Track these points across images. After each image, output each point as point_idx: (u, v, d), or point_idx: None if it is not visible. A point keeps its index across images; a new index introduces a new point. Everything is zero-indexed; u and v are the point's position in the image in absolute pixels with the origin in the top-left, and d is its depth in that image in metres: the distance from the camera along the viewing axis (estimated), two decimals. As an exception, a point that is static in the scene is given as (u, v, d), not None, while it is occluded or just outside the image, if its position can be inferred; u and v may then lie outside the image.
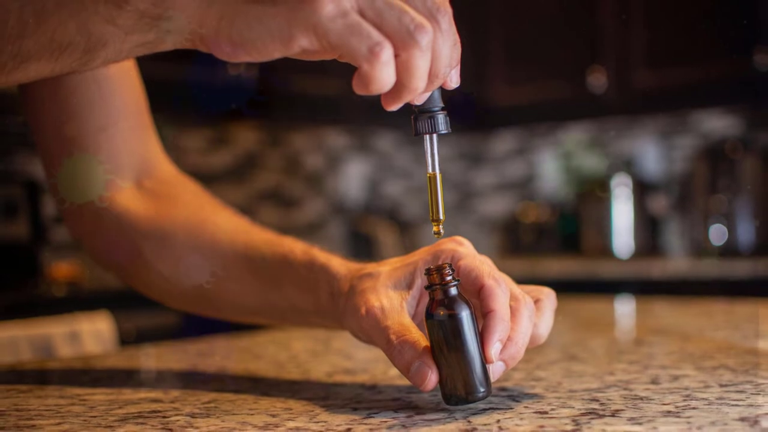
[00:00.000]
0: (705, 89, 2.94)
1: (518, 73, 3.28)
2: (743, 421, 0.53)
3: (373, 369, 0.80)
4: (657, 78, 2.99)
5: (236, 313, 0.83)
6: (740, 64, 2.82)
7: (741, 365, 0.74)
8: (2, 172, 2.63)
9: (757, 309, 1.27)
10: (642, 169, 3.37)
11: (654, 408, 0.58)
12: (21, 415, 0.61)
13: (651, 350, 0.90)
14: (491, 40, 3.31)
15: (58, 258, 2.65)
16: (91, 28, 0.56)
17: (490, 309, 0.60)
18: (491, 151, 3.79)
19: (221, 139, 3.27)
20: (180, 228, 0.82)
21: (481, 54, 3.29)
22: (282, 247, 0.77)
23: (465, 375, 0.58)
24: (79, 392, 0.70)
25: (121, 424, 0.57)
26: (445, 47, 0.54)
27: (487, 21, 3.31)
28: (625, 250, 3.21)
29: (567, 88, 3.18)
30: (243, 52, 0.53)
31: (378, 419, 0.57)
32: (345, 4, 0.51)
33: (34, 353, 1.17)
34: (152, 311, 2.15)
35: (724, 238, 3.00)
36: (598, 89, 3.10)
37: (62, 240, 2.66)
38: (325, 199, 3.61)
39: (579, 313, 1.28)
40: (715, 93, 2.97)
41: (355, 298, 0.66)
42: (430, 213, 0.60)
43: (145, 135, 0.88)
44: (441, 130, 0.59)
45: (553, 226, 3.46)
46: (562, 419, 0.55)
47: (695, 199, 3.11)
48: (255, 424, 0.56)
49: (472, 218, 3.82)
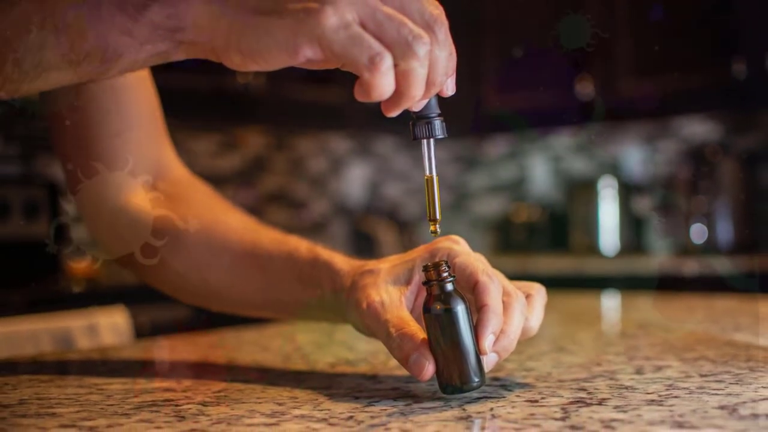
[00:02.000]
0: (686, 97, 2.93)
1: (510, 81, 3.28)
2: (722, 409, 0.53)
3: (374, 360, 0.80)
4: (641, 86, 2.99)
5: (245, 308, 0.83)
6: (719, 73, 2.82)
7: (720, 356, 0.74)
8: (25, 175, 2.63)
9: (735, 304, 1.27)
10: (627, 171, 3.37)
11: (638, 397, 0.58)
12: (42, 404, 0.61)
13: (635, 342, 0.90)
14: (485, 50, 3.31)
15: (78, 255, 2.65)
16: (109, 40, 0.56)
17: (483, 303, 0.60)
18: (485, 154, 3.79)
19: (231, 143, 3.27)
20: (192, 227, 0.82)
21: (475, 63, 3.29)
22: (288, 245, 0.77)
23: (460, 366, 0.58)
24: (96, 382, 0.70)
25: (137, 412, 0.57)
26: (441, 57, 0.54)
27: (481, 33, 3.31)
28: (611, 248, 3.21)
29: (556, 95, 3.18)
30: (252, 62, 0.53)
31: (378, 407, 0.57)
32: (347, 16, 0.51)
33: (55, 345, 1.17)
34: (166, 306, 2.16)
35: (704, 237, 3.00)
36: (585, 97, 3.10)
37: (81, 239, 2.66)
38: (328, 200, 3.60)
39: (567, 308, 1.28)
40: (695, 100, 2.97)
41: (357, 293, 0.66)
42: (427, 213, 0.60)
43: (159, 140, 0.88)
44: (438, 135, 0.59)
45: (543, 225, 3.46)
46: (552, 407, 0.55)
47: (677, 200, 3.11)
48: (263, 412, 0.56)
49: (466, 218, 3.82)
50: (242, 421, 0.54)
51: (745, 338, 0.86)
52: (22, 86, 0.59)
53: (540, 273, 2.91)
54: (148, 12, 0.54)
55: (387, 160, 3.84)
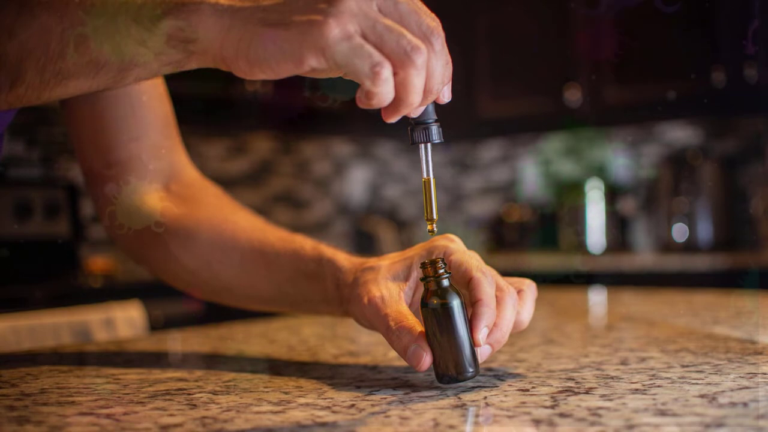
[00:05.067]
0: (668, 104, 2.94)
1: (503, 89, 3.28)
2: (702, 397, 0.53)
3: (375, 351, 0.80)
4: (626, 94, 2.99)
5: (253, 303, 0.83)
6: (700, 82, 2.82)
7: (700, 348, 0.74)
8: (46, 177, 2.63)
9: (714, 298, 1.26)
10: (613, 174, 3.37)
11: (623, 386, 0.58)
12: (62, 393, 0.61)
13: (620, 335, 0.90)
14: (479, 60, 3.30)
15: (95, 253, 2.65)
16: (125, 50, 0.56)
17: (478, 298, 0.60)
18: (479, 158, 3.78)
19: (239, 147, 3.26)
20: (203, 226, 0.82)
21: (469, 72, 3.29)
22: (293, 243, 0.77)
23: (456, 357, 0.58)
24: (113, 372, 0.70)
25: (151, 400, 0.57)
26: (438, 66, 0.54)
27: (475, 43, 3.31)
28: (598, 247, 3.21)
29: (546, 102, 3.17)
30: (259, 71, 0.53)
31: (379, 396, 0.57)
32: (350, 28, 0.51)
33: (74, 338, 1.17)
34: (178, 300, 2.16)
35: (685, 236, 3.00)
36: (573, 104, 3.10)
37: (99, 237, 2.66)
38: (331, 200, 3.60)
39: (557, 302, 1.28)
40: (677, 107, 2.97)
41: (359, 289, 0.66)
42: (425, 213, 0.60)
43: (172, 144, 0.88)
44: (435, 139, 0.59)
45: (533, 224, 3.46)
46: (542, 396, 0.55)
47: (660, 201, 3.11)
48: (270, 400, 0.56)
49: (462, 218, 3.82)
50: (250, 409, 0.54)
51: (724, 331, 0.86)
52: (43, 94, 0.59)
53: (531, 269, 2.91)
54: (162, 24, 0.54)
55: (387, 163, 3.83)
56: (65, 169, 2.67)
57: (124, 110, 0.83)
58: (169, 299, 2.10)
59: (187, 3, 0.54)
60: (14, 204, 2.40)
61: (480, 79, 3.30)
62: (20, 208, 2.40)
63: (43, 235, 2.44)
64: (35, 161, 2.64)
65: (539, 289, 0.68)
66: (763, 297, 1.27)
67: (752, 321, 0.95)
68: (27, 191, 2.44)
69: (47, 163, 2.66)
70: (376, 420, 0.50)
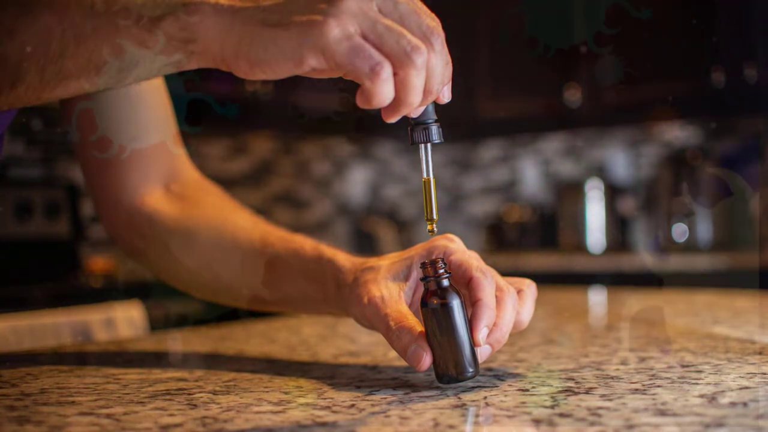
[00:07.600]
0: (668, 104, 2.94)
1: (502, 89, 3.28)
2: (702, 397, 0.53)
3: (375, 351, 0.80)
4: (625, 94, 2.99)
5: (253, 303, 0.83)
6: (699, 82, 2.82)
7: (700, 348, 0.74)
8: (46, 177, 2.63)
9: (714, 298, 1.26)
10: (612, 174, 3.37)
11: (623, 386, 0.58)
12: (62, 392, 0.61)
13: (620, 335, 0.90)
14: (479, 61, 3.30)
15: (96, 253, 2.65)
16: (125, 50, 0.56)
17: (477, 298, 0.60)
18: (479, 158, 3.78)
19: (239, 147, 3.27)
20: (203, 226, 0.82)
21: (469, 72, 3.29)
22: (293, 243, 0.77)
23: (456, 357, 0.58)
24: (114, 372, 0.70)
25: (151, 400, 0.57)
26: (438, 66, 0.54)
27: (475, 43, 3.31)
28: (598, 246, 3.21)
29: (546, 103, 3.17)
30: (259, 71, 0.53)
31: (379, 396, 0.57)
32: (350, 28, 0.51)
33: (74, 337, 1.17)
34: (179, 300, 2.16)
35: (685, 236, 3.00)
36: (573, 104, 3.10)
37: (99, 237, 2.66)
38: (331, 201, 3.60)
39: (557, 302, 1.28)
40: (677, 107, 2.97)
41: (359, 289, 0.65)
42: (424, 213, 0.60)
43: (172, 144, 0.88)
44: (435, 140, 0.59)
45: (533, 224, 3.45)
46: (542, 396, 0.55)
47: (660, 201, 3.11)
48: (270, 400, 0.56)
49: (461, 218, 3.81)
50: (251, 408, 0.54)
51: (724, 331, 0.86)
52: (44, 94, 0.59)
53: (531, 269, 2.91)
54: (163, 24, 0.54)
55: (387, 163, 3.83)
56: (65, 169, 2.67)
57: (124, 111, 0.83)
58: (169, 299, 2.10)
59: (187, 3, 0.54)
60: (14, 204, 2.40)
61: (480, 79, 3.30)
62: (20, 208, 2.40)
63: (44, 235, 2.44)
64: (35, 161, 2.64)
65: (539, 289, 0.68)
66: (763, 297, 1.27)
67: (752, 321, 0.95)
68: (27, 191, 2.45)
69: (47, 163, 2.66)
70: (376, 420, 0.50)
